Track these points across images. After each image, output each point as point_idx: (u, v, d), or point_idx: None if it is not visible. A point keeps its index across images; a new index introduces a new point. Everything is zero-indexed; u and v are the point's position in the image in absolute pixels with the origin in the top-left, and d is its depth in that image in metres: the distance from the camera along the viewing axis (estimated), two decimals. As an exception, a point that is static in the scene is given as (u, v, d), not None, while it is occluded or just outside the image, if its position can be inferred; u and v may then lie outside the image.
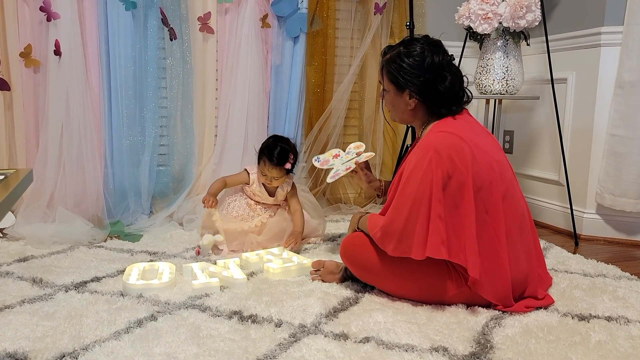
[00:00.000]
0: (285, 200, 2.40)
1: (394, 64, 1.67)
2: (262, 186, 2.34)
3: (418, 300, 1.65)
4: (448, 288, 1.60)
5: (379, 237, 1.60)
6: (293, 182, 2.41)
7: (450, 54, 1.71)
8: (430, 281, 1.60)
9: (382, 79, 1.73)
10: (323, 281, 1.84)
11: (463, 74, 1.72)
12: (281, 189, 2.38)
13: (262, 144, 2.31)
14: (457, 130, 1.60)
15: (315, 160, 2.13)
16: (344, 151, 2.12)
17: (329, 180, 1.96)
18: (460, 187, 1.54)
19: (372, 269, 1.69)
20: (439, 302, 1.63)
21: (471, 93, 1.73)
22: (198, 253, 2.16)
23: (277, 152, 2.23)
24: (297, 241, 2.24)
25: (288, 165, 2.26)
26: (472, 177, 1.54)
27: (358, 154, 2.00)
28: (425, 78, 1.64)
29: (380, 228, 1.59)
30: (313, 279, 1.86)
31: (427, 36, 1.72)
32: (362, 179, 2.03)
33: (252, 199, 2.36)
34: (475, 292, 1.57)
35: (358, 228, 1.76)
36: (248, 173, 2.35)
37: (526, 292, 1.66)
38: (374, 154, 1.95)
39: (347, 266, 1.78)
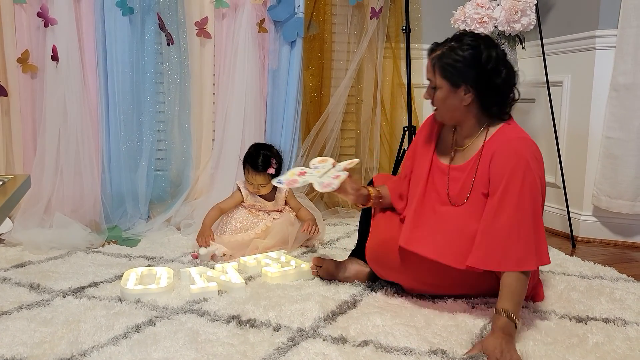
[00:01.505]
0: (286, 203, 2.41)
1: (449, 59, 1.55)
2: (257, 196, 2.35)
3: (453, 294, 1.71)
4: (481, 281, 1.64)
5: (536, 262, 1.48)
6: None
7: (502, 48, 1.62)
8: (464, 277, 1.62)
9: (434, 76, 1.59)
10: (321, 278, 1.88)
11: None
12: (279, 193, 2.38)
13: (245, 154, 2.34)
14: (528, 135, 1.59)
15: (278, 182, 1.81)
16: (309, 167, 1.85)
17: (321, 190, 1.70)
18: (543, 191, 1.57)
19: (406, 271, 1.67)
20: (466, 293, 1.71)
21: (519, 92, 1.64)
22: (195, 257, 2.17)
23: (259, 159, 2.27)
24: (314, 224, 2.31)
25: (271, 170, 2.28)
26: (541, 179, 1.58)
27: (334, 165, 1.76)
28: (482, 71, 1.54)
29: (532, 254, 1.47)
30: (313, 274, 1.91)
31: (474, 32, 1.65)
32: (350, 189, 1.75)
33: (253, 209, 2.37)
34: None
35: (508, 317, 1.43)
36: (240, 190, 2.37)
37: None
38: (358, 160, 1.82)
39: (376, 271, 1.77)
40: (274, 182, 1.85)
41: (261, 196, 2.36)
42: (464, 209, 1.61)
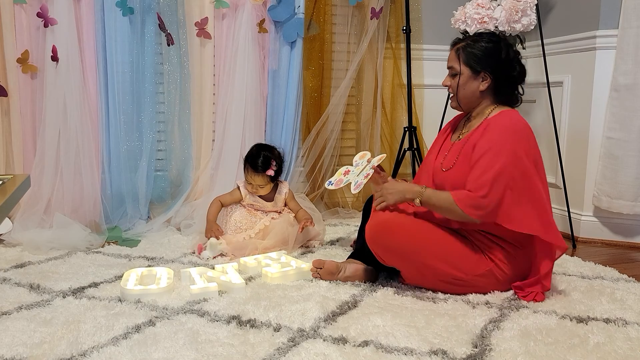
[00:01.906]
0: (286, 205, 2.41)
1: (473, 48, 1.77)
2: (256, 196, 2.35)
3: (444, 286, 1.75)
4: (479, 266, 1.73)
5: (468, 208, 1.66)
6: (289, 188, 2.43)
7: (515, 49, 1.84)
8: (463, 260, 1.72)
9: (457, 63, 1.80)
10: (322, 279, 1.87)
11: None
12: (279, 194, 2.38)
13: (247, 153, 2.34)
14: (524, 121, 1.79)
15: (328, 184, 2.02)
16: (352, 165, 2.04)
17: (354, 191, 1.90)
18: (534, 164, 1.72)
19: (405, 252, 1.73)
20: (465, 283, 1.73)
21: (523, 90, 1.86)
22: (200, 250, 2.19)
23: (259, 160, 2.27)
24: (310, 220, 2.31)
25: (270, 172, 2.28)
26: (535, 159, 1.73)
27: (369, 161, 1.95)
28: (500, 62, 1.76)
29: (471, 200, 1.66)
30: (314, 277, 1.90)
31: (494, 32, 1.88)
32: (380, 181, 1.96)
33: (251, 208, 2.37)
34: (505, 276, 1.76)
35: (419, 203, 1.74)
36: (239, 189, 2.37)
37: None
38: (385, 155, 1.92)
39: (375, 252, 1.79)
40: (326, 184, 2.02)
41: (260, 197, 2.36)
42: (451, 173, 1.78)
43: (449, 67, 1.84)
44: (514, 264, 1.76)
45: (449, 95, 1.88)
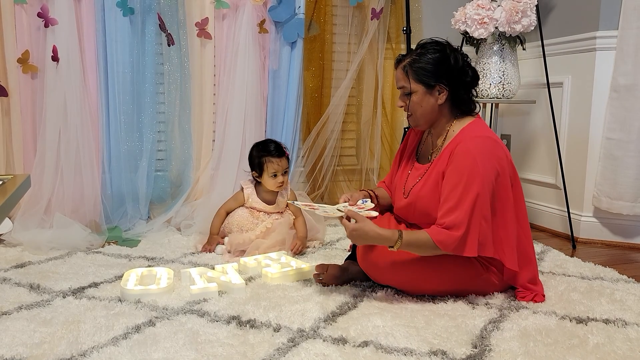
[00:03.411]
0: (287, 207, 2.41)
1: (420, 63, 1.68)
2: (259, 199, 2.35)
3: (442, 292, 1.73)
4: (477, 276, 1.70)
5: (450, 248, 1.58)
6: (291, 188, 2.43)
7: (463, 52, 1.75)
8: (459, 273, 1.68)
9: (408, 82, 1.70)
10: (326, 285, 1.84)
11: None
12: (281, 197, 2.38)
13: (254, 153, 2.34)
14: (490, 134, 1.70)
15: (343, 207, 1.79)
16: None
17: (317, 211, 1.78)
18: (504, 187, 1.65)
19: (397, 271, 1.70)
20: (464, 289, 1.73)
21: (477, 93, 1.84)
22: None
23: (272, 146, 2.31)
24: (303, 245, 2.28)
25: (288, 153, 2.35)
26: (510, 176, 1.67)
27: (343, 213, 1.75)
28: (452, 70, 1.67)
29: (452, 240, 1.57)
30: (317, 282, 1.87)
31: (436, 40, 1.74)
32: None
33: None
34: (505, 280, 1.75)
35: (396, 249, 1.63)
36: (242, 190, 2.38)
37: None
38: (343, 213, 1.73)
39: (369, 273, 1.78)
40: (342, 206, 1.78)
41: (262, 200, 2.36)
42: (419, 200, 1.73)
43: (400, 87, 1.73)
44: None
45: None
